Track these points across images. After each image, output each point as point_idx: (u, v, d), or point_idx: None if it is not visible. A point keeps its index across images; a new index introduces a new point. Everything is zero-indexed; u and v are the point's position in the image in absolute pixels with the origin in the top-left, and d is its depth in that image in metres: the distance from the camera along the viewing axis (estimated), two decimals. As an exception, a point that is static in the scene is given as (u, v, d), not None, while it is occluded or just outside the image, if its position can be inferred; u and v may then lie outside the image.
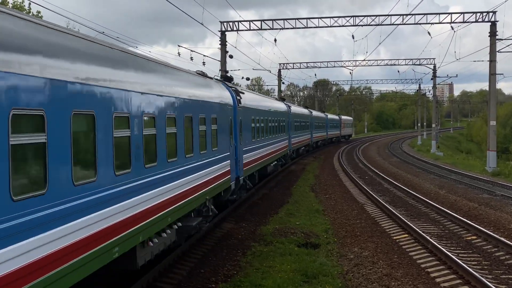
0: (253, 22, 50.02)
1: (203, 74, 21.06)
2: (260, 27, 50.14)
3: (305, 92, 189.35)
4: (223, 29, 47.76)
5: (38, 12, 38.03)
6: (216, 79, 25.00)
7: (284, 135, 42.39)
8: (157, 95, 13.26)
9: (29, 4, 39.83)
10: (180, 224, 15.43)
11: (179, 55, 50.27)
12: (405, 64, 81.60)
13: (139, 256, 12.31)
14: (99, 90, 10.10)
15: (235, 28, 48.72)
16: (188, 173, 15.64)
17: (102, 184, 10.06)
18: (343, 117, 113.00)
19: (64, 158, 8.73)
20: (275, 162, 38.88)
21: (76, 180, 9.04)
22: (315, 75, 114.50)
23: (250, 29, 49.80)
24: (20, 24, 8.25)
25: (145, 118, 12.22)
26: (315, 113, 74.41)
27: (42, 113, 8.11)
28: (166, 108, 13.77)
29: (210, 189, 18.46)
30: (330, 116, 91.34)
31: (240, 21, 49.02)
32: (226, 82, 25.28)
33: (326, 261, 17.00)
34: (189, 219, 16.55)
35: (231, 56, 47.64)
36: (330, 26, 49.91)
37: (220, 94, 21.22)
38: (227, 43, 47.33)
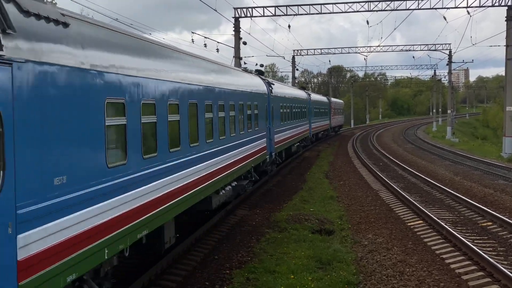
0: (267, 8, 49.87)
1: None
2: (274, 13, 49.96)
3: (319, 79, 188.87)
4: (237, 15, 47.63)
5: (52, -1, 38.00)
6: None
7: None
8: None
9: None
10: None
11: (192, 42, 50.22)
12: (420, 50, 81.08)
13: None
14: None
15: (249, 15, 48.57)
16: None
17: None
18: (333, 99, 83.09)
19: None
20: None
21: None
22: (329, 61, 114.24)
23: (264, 15, 49.65)
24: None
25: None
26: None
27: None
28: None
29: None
30: (314, 97, 60.36)
31: (254, 7, 48.86)
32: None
33: (340, 247, 16.97)
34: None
35: (244, 43, 47.53)
36: (345, 12, 49.64)
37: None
38: (241, 29, 47.20)
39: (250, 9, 48.70)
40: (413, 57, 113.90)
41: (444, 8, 48.18)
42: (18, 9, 7.42)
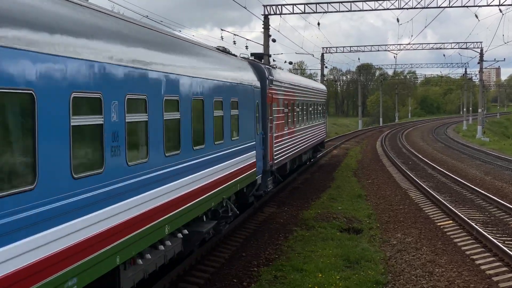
0: (297, 5, 49.70)
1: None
2: (303, 10, 49.82)
3: (348, 77, 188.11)
4: (266, 12, 47.58)
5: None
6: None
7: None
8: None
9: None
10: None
11: (222, 39, 50.31)
12: (451, 48, 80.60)
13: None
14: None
15: (278, 12, 48.48)
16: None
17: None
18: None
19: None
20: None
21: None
22: (359, 59, 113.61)
23: (293, 13, 49.52)
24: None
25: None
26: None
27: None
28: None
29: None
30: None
31: (284, 5, 48.77)
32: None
33: (368, 246, 16.87)
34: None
35: (274, 40, 47.41)
36: (374, 10, 49.27)
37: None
38: (270, 26, 47.14)
39: (279, 7, 48.59)
40: (444, 55, 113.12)
41: (476, 6, 47.56)
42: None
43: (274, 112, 22.46)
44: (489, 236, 17.17)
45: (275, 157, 22.53)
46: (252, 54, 25.01)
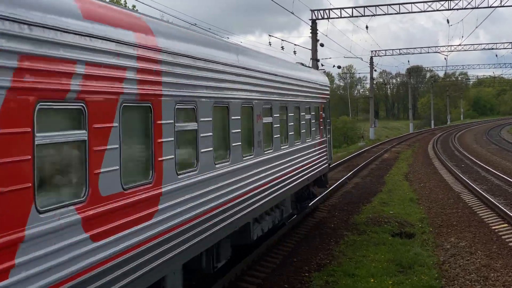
0: (345, 9, 49.56)
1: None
2: (351, 14, 49.62)
3: (398, 79, 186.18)
4: (314, 17, 47.60)
5: (133, 6, 38.99)
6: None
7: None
8: None
9: (125, -1, 41.06)
10: None
11: (270, 44, 50.48)
12: (504, 48, 78.83)
13: None
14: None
15: (326, 16, 48.45)
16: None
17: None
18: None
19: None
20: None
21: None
22: (408, 61, 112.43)
23: (341, 17, 49.42)
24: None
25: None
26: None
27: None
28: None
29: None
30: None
31: (332, 9, 48.69)
32: None
33: (421, 251, 16.66)
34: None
35: (322, 45, 47.43)
36: (424, 11, 48.76)
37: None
38: (318, 31, 47.13)
39: (327, 11, 48.55)
40: (496, 55, 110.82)
41: (529, 4, 46.56)
42: None
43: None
44: (546, 240, 16.76)
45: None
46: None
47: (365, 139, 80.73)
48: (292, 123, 16.81)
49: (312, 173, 19.60)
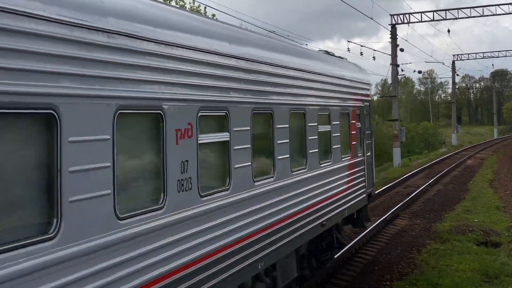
0: (425, 13, 48.68)
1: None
2: (432, 18, 48.69)
3: (482, 84, 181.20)
4: (393, 22, 46.99)
5: (213, 15, 39.52)
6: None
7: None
8: None
9: (205, 8, 41.62)
10: None
11: (348, 50, 50.02)
12: None
13: None
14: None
15: (405, 21, 47.73)
16: None
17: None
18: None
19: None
20: None
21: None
22: (492, 65, 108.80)
23: (421, 21, 48.56)
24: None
25: None
26: None
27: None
28: None
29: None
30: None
31: (412, 13, 47.93)
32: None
33: (508, 260, 16.12)
34: None
35: (401, 50, 46.80)
36: (508, 13, 47.27)
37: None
38: (397, 36, 46.50)
39: (407, 15, 47.83)
40: None
41: None
42: None
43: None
44: None
45: None
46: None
47: (447, 145, 78.95)
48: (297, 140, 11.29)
49: (336, 211, 13.42)
